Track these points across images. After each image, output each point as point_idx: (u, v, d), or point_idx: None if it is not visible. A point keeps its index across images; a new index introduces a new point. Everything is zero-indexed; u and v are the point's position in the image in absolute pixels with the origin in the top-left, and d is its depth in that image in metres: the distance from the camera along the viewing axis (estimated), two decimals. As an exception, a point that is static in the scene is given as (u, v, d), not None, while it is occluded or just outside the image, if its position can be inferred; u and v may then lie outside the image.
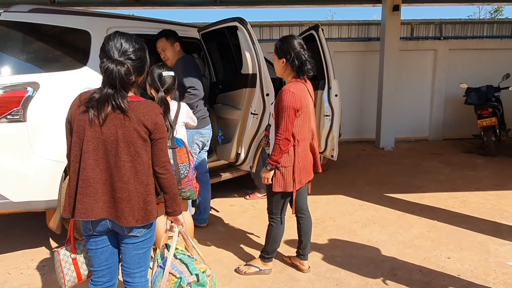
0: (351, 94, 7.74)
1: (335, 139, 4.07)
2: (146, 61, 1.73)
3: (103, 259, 1.80)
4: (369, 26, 8.37)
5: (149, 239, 1.80)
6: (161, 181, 1.75)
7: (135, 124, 1.62)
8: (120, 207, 1.65)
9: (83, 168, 1.64)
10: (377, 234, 3.51)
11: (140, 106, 1.66)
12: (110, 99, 1.60)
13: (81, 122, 1.63)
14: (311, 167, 2.71)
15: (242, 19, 3.09)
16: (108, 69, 1.57)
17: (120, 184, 1.64)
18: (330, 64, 3.95)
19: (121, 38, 1.64)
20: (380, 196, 4.52)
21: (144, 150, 1.67)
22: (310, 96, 2.60)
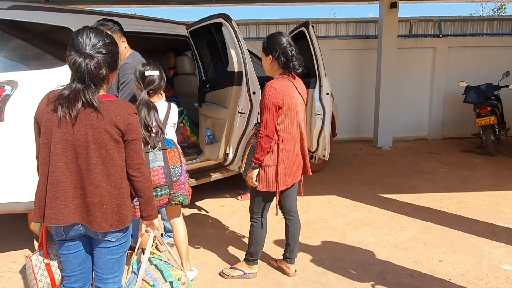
0: (349, 93, 7.65)
1: (327, 138, 3.99)
2: (117, 56, 1.67)
3: (76, 264, 1.73)
4: (367, 24, 8.27)
5: (124, 243, 1.73)
6: (135, 184, 1.67)
7: (106, 125, 1.55)
8: (92, 211, 1.58)
9: (52, 171, 1.56)
10: (368, 236, 3.42)
11: (112, 105, 1.58)
12: (80, 95, 1.51)
13: (49, 122, 1.55)
14: (299, 168, 2.60)
15: (227, 15, 3.01)
16: (76, 62, 1.49)
17: (91, 187, 1.58)
18: (321, 61, 3.86)
19: (91, 32, 1.58)
20: (374, 197, 4.43)
21: (116, 152, 1.60)
22: (300, 95, 2.50)
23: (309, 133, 4.07)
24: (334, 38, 8.16)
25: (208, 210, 4.15)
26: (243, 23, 8.12)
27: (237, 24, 3.12)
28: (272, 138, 2.37)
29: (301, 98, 2.50)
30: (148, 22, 3.75)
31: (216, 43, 3.40)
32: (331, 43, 7.58)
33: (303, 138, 2.57)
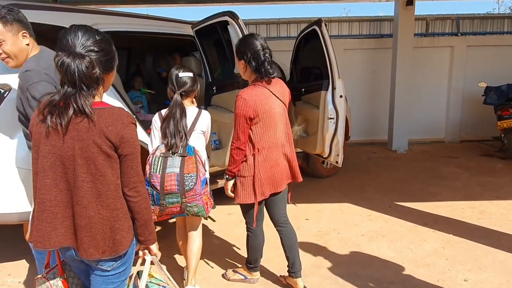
0: (362, 94, 7.38)
1: (340, 143, 3.76)
2: (112, 54, 1.46)
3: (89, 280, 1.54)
4: (382, 22, 7.98)
5: (123, 272, 1.53)
6: (130, 205, 1.46)
7: (95, 136, 1.34)
8: (80, 236, 1.39)
9: (39, 188, 1.39)
10: (385, 249, 3.18)
11: (104, 114, 1.36)
12: (71, 100, 1.32)
13: (38, 134, 1.38)
14: (281, 177, 2.43)
15: (233, 13, 2.81)
16: (64, 63, 1.29)
17: (78, 208, 1.38)
18: (334, 62, 3.64)
19: (79, 30, 1.38)
20: (391, 205, 4.18)
21: (108, 168, 1.38)
22: (279, 99, 2.34)
23: (321, 138, 3.85)
24: (347, 37, 7.90)
25: (214, 219, 3.96)
26: (253, 23, 7.91)
27: (247, 24, 2.93)
28: (243, 150, 2.28)
29: (279, 103, 2.35)
30: (153, 21, 3.58)
31: (222, 43, 3.20)
32: (344, 43, 7.32)
33: (290, 143, 2.44)
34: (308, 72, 4.27)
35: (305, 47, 4.25)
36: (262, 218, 2.57)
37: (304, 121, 4.30)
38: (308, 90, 4.11)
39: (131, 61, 5.03)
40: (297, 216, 3.92)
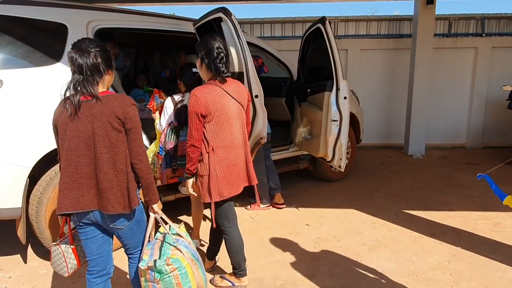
0: (379, 95, 7.14)
1: (343, 147, 3.60)
2: (109, 54, 1.85)
3: (94, 248, 1.90)
4: (401, 22, 7.67)
5: (137, 228, 1.92)
6: (135, 171, 1.81)
7: (108, 116, 1.71)
8: (106, 196, 1.75)
9: (67, 165, 1.75)
10: (385, 261, 3.01)
11: (111, 99, 1.76)
12: (80, 85, 1.70)
13: (63, 124, 1.75)
14: (238, 179, 2.39)
15: (226, 9, 2.71)
16: (73, 56, 1.70)
17: (101, 175, 1.74)
18: (338, 62, 3.48)
19: (85, 39, 1.82)
20: (398, 213, 3.98)
21: (119, 141, 1.75)
22: (235, 99, 2.33)
23: (324, 141, 3.70)
24: (364, 37, 7.65)
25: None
26: (258, 22, 7.78)
27: (252, 23, 2.83)
28: (198, 148, 2.28)
29: (235, 102, 2.33)
30: (158, 19, 3.53)
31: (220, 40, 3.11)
32: (361, 43, 7.10)
33: (246, 145, 2.43)
34: (314, 72, 4.13)
35: (311, 46, 4.11)
36: (233, 218, 2.53)
37: (308, 123, 4.16)
38: (313, 91, 3.97)
39: (139, 58, 5.02)
40: (297, 221, 3.79)
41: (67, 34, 2.90)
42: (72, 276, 2.77)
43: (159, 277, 1.85)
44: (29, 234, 2.86)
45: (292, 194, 4.56)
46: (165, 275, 1.85)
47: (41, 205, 2.76)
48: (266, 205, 4.13)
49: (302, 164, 4.71)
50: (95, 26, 3.04)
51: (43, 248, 3.01)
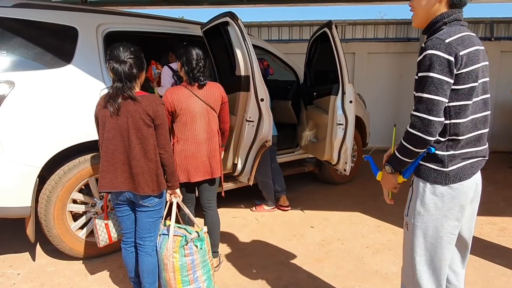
0: (386, 99, 7.14)
1: (349, 151, 3.61)
2: (142, 59, 2.18)
3: (129, 223, 2.28)
4: (409, 26, 7.66)
5: (159, 210, 2.26)
6: (161, 159, 2.16)
7: (141, 113, 2.05)
8: (137, 180, 2.10)
9: (105, 152, 2.11)
10: (389, 264, 3.02)
11: (144, 99, 2.09)
12: (119, 91, 2.04)
13: (103, 117, 2.10)
14: (196, 170, 2.62)
15: (233, 14, 2.76)
16: (114, 68, 2.05)
17: (134, 162, 2.09)
18: (344, 66, 3.50)
19: (120, 46, 2.10)
20: (403, 217, 3.96)
21: (149, 135, 2.09)
22: (201, 100, 2.60)
23: (329, 144, 3.72)
24: (372, 41, 7.66)
25: (218, 221, 3.91)
26: (266, 25, 7.83)
27: (260, 26, 2.87)
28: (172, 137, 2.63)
29: (201, 103, 2.60)
30: (152, 20, 3.58)
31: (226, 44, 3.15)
32: (369, 46, 7.12)
33: (210, 142, 2.68)
34: (321, 75, 4.15)
35: (317, 50, 4.14)
36: (189, 203, 2.74)
37: (314, 126, 4.18)
38: (319, 94, 3.99)
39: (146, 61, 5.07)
40: (302, 223, 3.81)
41: (77, 37, 2.96)
42: (80, 273, 2.85)
43: (200, 246, 2.25)
44: (37, 232, 2.92)
45: (298, 196, 4.58)
46: (203, 243, 2.28)
47: (50, 203, 2.82)
48: (271, 207, 4.16)
49: (307, 167, 4.72)
50: (105, 29, 3.10)
51: (51, 246, 3.07)
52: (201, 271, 2.30)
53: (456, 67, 1.45)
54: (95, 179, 2.99)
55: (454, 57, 1.44)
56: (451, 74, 1.45)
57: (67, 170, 2.85)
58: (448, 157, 1.55)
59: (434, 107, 1.46)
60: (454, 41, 1.46)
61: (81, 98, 2.89)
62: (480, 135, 1.61)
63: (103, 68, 3.00)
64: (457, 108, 1.52)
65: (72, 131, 2.83)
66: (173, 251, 2.22)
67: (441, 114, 1.47)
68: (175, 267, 2.23)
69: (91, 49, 3.00)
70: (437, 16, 1.56)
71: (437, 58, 1.44)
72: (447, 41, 1.45)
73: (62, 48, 2.91)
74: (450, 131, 1.54)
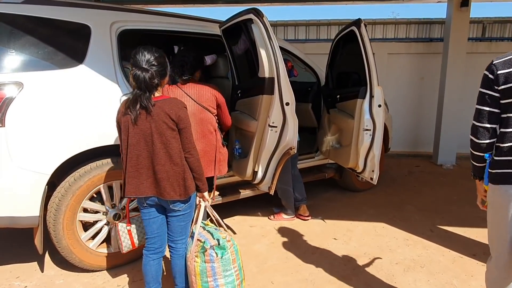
0: (407, 102, 6.87)
1: (376, 158, 3.37)
2: (166, 65, 2.11)
3: (154, 228, 2.21)
4: (431, 25, 7.37)
5: (189, 213, 2.22)
6: (188, 163, 2.10)
7: (164, 117, 1.99)
8: (162, 185, 2.06)
9: (130, 158, 2.06)
10: (423, 283, 2.77)
11: (166, 102, 2.03)
12: (138, 99, 1.98)
13: (126, 122, 2.04)
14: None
15: (258, 10, 2.54)
16: (136, 75, 1.97)
17: (158, 167, 2.04)
18: (373, 67, 3.26)
19: (144, 50, 2.02)
20: (432, 229, 3.72)
21: (173, 138, 2.03)
22: (194, 100, 2.72)
23: (355, 151, 3.48)
24: (392, 41, 7.38)
25: (235, 230, 3.70)
26: (292, 24, 7.60)
27: (287, 25, 2.66)
28: None
29: (193, 103, 2.68)
30: (167, 18, 3.37)
31: (248, 43, 2.94)
32: (389, 46, 6.84)
33: (206, 139, 2.74)
34: (345, 77, 3.91)
35: (342, 50, 3.89)
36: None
37: (337, 131, 3.95)
38: (344, 97, 3.75)
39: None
40: (324, 234, 3.58)
41: (90, 35, 2.78)
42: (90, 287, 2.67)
43: (221, 254, 2.18)
44: (46, 241, 2.75)
45: (317, 204, 4.35)
46: (225, 252, 2.20)
47: (59, 212, 2.64)
48: (291, 216, 3.94)
49: (328, 173, 4.49)
50: (119, 27, 2.92)
51: (60, 256, 2.89)
52: (222, 280, 2.25)
53: None
54: (107, 186, 2.81)
55: None
56: None
57: (77, 177, 2.67)
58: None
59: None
60: None
61: (93, 100, 2.71)
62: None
63: (117, 68, 2.82)
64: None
65: (83, 136, 2.66)
66: (195, 255, 2.23)
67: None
68: (196, 271, 2.24)
69: (105, 48, 2.82)
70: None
71: None
72: None
73: (74, 47, 2.73)
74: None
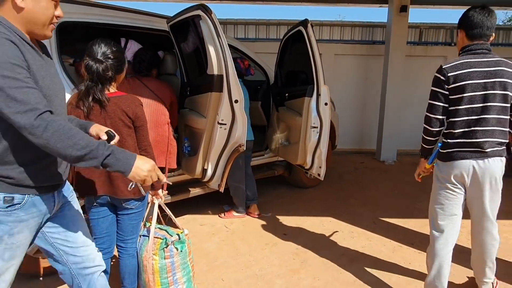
0: (352, 101, 7.17)
1: (323, 155, 3.49)
2: (124, 61, 2.03)
3: (104, 227, 2.13)
4: (374, 28, 7.77)
5: (141, 211, 2.17)
6: None
7: (120, 114, 1.95)
8: (116, 183, 1.99)
9: None
10: (366, 273, 2.91)
11: (122, 99, 1.97)
12: (91, 91, 1.91)
13: (77, 117, 1.84)
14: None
15: (206, 7, 2.53)
16: (88, 65, 1.89)
17: None
18: (320, 67, 3.37)
19: (101, 42, 1.94)
20: (375, 221, 3.93)
21: (129, 136, 1.99)
22: (151, 91, 2.92)
23: (303, 148, 3.58)
24: (339, 42, 7.67)
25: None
26: (232, 23, 7.63)
27: (236, 24, 2.66)
28: None
29: (149, 93, 2.80)
30: (128, 14, 3.26)
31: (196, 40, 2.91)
32: (335, 47, 7.10)
33: (158, 128, 2.86)
34: (293, 76, 4.00)
35: (290, 50, 3.98)
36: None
37: (286, 129, 4.03)
38: (292, 96, 3.84)
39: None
40: (274, 230, 3.65)
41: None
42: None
43: (181, 248, 2.18)
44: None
45: (267, 201, 4.41)
46: (184, 245, 2.21)
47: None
48: (242, 214, 3.96)
49: (277, 171, 4.57)
50: (58, 19, 2.75)
51: None
52: (180, 273, 2.26)
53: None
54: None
55: None
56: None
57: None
58: None
59: None
60: None
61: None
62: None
63: (56, 63, 2.66)
64: None
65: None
66: (153, 253, 2.18)
67: None
68: (154, 269, 2.19)
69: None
70: None
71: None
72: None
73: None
74: None
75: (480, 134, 2.09)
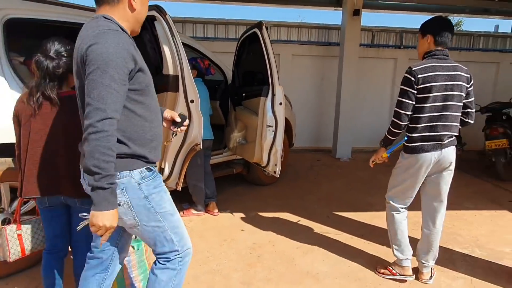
0: (309, 100, 7.39)
1: (278, 153, 3.62)
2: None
3: (57, 228, 2.06)
4: (330, 30, 8.05)
5: None
6: None
7: (71, 115, 1.85)
8: (69, 183, 1.92)
9: (31, 155, 1.91)
10: (319, 263, 3.08)
11: (73, 99, 1.78)
12: (40, 87, 1.85)
13: (27, 116, 1.89)
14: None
15: (160, 8, 2.57)
16: (38, 61, 1.85)
17: (62, 165, 1.92)
18: (274, 67, 3.50)
19: (56, 40, 1.90)
20: (329, 215, 4.12)
21: (78, 139, 1.79)
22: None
23: (259, 147, 3.69)
24: (296, 43, 7.88)
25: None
26: (191, 21, 7.63)
27: (196, 22, 2.70)
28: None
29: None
30: (82, 11, 3.19)
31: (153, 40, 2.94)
32: (293, 48, 7.30)
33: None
34: (250, 76, 4.11)
35: (247, 50, 4.09)
36: None
37: (243, 128, 4.13)
38: (249, 95, 3.95)
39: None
40: (232, 227, 3.74)
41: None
42: None
43: (137, 247, 2.19)
44: None
45: (226, 199, 4.50)
46: (141, 244, 2.23)
47: None
48: (200, 212, 4.01)
49: (236, 169, 4.66)
50: (5, 15, 2.68)
51: None
52: (137, 271, 2.26)
53: None
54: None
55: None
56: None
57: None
58: None
59: None
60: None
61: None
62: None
63: (3, 61, 2.60)
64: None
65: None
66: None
67: None
68: None
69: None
70: None
71: None
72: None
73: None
74: None
75: (441, 128, 2.42)
